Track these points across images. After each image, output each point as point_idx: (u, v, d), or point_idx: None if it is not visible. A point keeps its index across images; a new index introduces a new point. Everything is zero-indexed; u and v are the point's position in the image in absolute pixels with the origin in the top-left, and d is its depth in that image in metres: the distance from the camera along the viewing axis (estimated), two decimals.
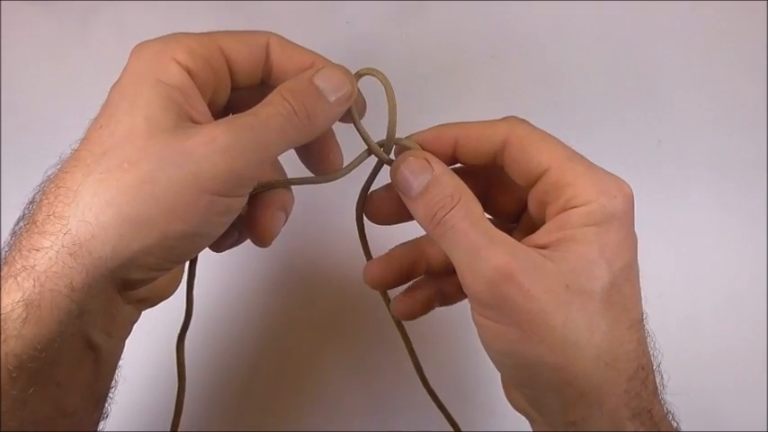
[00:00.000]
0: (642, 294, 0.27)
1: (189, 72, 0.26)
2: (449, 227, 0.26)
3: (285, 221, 0.31)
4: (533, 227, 0.29)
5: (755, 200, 0.50)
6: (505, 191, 0.31)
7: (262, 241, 0.30)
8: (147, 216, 0.24)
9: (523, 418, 0.31)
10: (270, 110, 0.26)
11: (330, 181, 0.31)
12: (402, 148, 0.30)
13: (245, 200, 0.28)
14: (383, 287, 0.33)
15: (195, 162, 0.24)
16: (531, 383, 0.26)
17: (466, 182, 0.28)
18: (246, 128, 0.26)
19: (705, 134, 0.52)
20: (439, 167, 0.28)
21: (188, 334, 0.32)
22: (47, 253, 0.24)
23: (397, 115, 0.30)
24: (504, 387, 0.31)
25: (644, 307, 0.28)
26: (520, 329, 0.25)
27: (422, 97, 0.51)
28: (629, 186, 0.27)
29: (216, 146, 0.25)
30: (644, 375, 0.26)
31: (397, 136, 0.30)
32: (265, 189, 0.30)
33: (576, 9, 0.54)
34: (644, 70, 0.53)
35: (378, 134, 0.31)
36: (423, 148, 0.29)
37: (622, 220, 0.27)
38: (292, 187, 0.32)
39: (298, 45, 0.30)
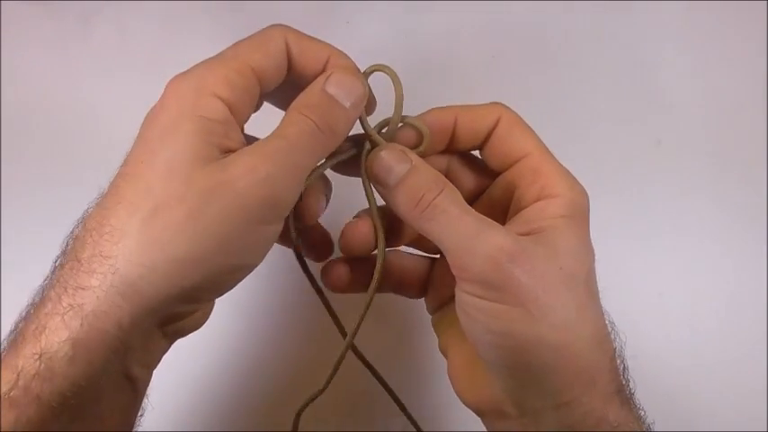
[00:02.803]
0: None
1: (229, 106, 0.26)
2: (440, 210, 0.27)
3: (326, 204, 0.32)
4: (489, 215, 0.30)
5: (755, 200, 0.50)
6: (461, 181, 0.32)
7: (305, 221, 0.31)
8: (196, 253, 0.24)
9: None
10: (295, 129, 0.26)
11: (341, 159, 0.31)
12: (406, 128, 0.30)
13: (281, 226, 0.28)
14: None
15: (239, 194, 0.24)
16: (526, 366, 0.26)
17: None
18: (281, 153, 0.26)
19: (705, 134, 0.52)
20: (416, 158, 0.29)
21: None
22: (94, 292, 0.24)
23: (402, 108, 0.30)
24: (463, 389, 0.31)
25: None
26: (523, 308, 0.25)
27: (422, 97, 0.51)
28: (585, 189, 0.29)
29: (257, 176, 0.25)
30: (618, 356, 0.28)
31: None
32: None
33: (575, 9, 0.54)
34: (644, 70, 0.53)
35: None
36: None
37: (586, 216, 0.28)
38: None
39: (312, 39, 0.29)
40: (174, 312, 0.26)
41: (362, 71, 0.30)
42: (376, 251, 0.31)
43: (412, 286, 0.34)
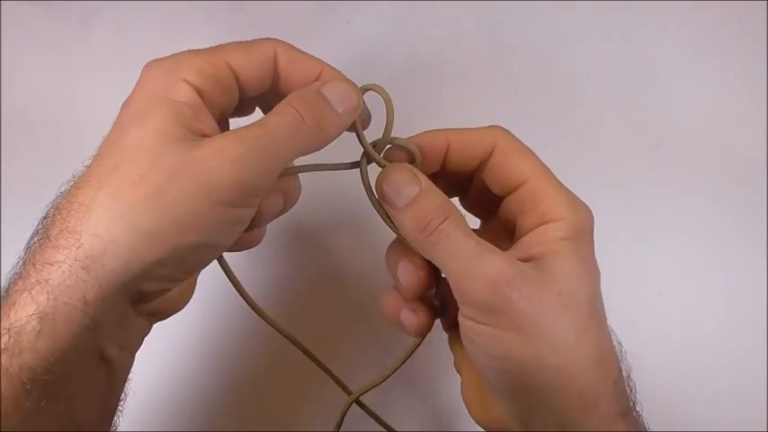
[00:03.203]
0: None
1: (199, 92, 0.27)
2: (444, 235, 0.27)
3: (284, 209, 0.31)
4: (495, 236, 0.30)
5: (755, 200, 0.50)
6: (469, 201, 0.32)
7: (253, 222, 0.29)
8: (160, 228, 0.24)
9: None
10: (278, 119, 0.27)
11: (337, 170, 0.31)
12: (397, 149, 0.30)
13: (254, 210, 0.28)
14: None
15: (205, 173, 0.25)
16: (527, 388, 0.26)
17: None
18: (255, 138, 0.26)
19: (705, 134, 0.52)
20: (426, 181, 0.29)
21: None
22: (60, 267, 0.24)
23: (392, 127, 0.30)
24: (475, 410, 0.31)
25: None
26: (520, 332, 0.25)
27: (421, 97, 0.51)
28: (590, 208, 0.29)
29: (225, 157, 0.25)
30: (624, 378, 0.28)
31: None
32: None
33: (576, 9, 0.55)
34: (644, 70, 0.53)
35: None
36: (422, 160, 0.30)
37: (590, 236, 0.28)
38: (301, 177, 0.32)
39: (305, 53, 0.30)
40: (144, 290, 0.26)
41: (359, 87, 0.30)
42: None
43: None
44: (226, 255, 0.32)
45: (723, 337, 0.47)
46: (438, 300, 0.32)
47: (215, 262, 0.32)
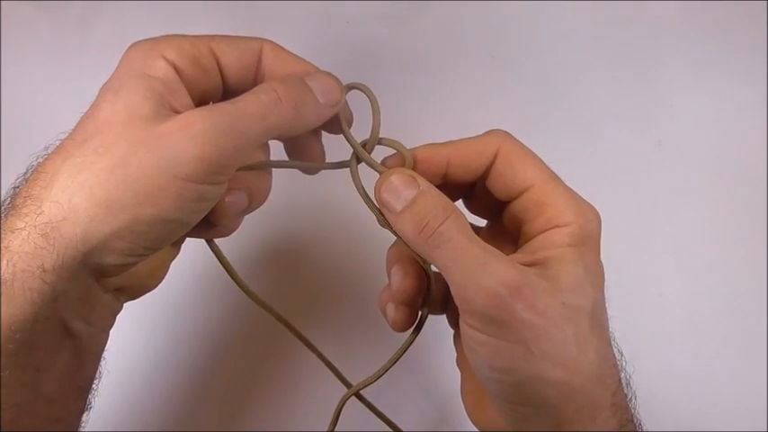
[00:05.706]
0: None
1: (176, 69, 0.27)
2: (445, 238, 0.26)
3: (251, 207, 0.31)
4: (501, 237, 0.30)
5: (755, 200, 0.50)
6: (474, 204, 0.32)
7: (214, 219, 0.29)
8: (118, 199, 0.24)
9: None
10: (252, 97, 0.27)
11: (311, 169, 0.31)
12: (392, 157, 0.30)
13: (221, 188, 0.27)
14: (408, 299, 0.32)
15: (167, 147, 0.25)
16: (527, 401, 0.26)
17: None
18: (223, 114, 0.25)
19: (705, 134, 0.52)
20: (425, 183, 0.28)
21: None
22: (20, 234, 0.24)
23: (380, 126, 0.30)
24: (473, 412, 0.31)
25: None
26: (523, 345, 0.25)
27: (421, 97, 0.52)
28: (598, 211, 0.28)
29: (189, 131, 0.25)
30: (623, 387, 0.27)
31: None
32: (241, 170, 0.29)
33: (576, 9, 0.55)
34: (644, 70, 0.53)
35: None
36: (414, 163, 0.29)
37: (596, 242, 0.28)
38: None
39: (292, 54, 0.30)
40: (105, 263, 0.26)
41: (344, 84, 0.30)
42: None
43: (433, 302, 0.33)
44: (223, 246, 0.32)
45: (723, 337, 0.47)
46: (424, 308, 0.31)
47: (209, 251, 0.31)
